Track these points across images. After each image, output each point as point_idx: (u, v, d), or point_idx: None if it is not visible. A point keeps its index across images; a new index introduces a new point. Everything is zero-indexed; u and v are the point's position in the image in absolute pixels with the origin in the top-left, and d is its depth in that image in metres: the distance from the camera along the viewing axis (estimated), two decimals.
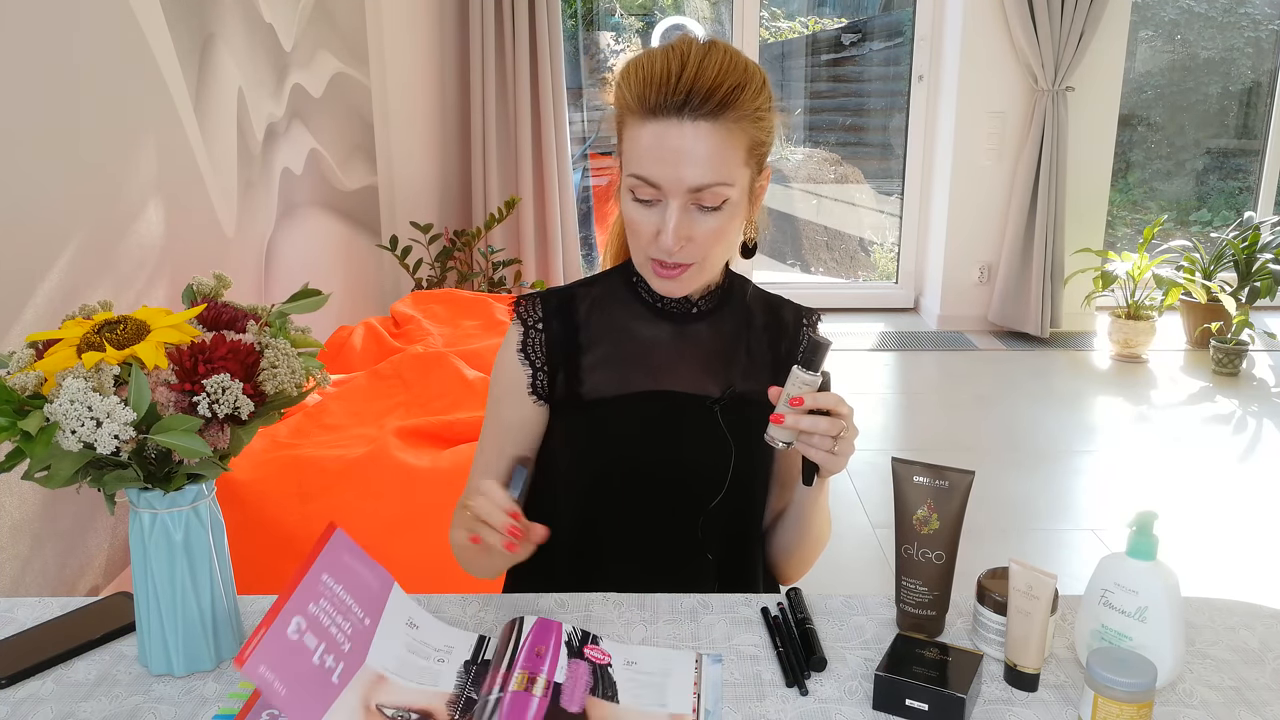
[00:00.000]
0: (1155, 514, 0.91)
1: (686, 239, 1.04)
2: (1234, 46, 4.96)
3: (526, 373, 1.16)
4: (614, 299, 1.18)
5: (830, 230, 5.43)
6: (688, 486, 1.14)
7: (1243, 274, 4.36)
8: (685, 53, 1.01)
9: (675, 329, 1.16)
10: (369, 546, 2.20)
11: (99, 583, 2.11)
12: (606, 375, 1.15)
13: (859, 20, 5.20)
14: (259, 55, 2.90)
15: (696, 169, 1.00)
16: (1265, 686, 0.94)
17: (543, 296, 1.18)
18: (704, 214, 1.04)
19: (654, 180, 1.02)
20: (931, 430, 3.62)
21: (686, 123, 0.99)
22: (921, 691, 0.88)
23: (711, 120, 1.00)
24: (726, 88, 1.00)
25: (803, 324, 1.23)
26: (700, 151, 1.00)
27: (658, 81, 1.00)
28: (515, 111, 4.27)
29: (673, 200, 1.02)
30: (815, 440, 0.99)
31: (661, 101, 1.00)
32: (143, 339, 0.88)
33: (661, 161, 1.01)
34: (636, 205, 1.05)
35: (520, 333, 1.16)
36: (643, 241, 1.07)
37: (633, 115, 1.03)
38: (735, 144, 1.02)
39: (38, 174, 1.89)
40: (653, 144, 1.01)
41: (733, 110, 1.00)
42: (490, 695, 0.87)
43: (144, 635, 0.95)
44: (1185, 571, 1.10)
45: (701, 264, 1.08)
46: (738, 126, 1.01)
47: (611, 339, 1.16)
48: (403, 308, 3.11)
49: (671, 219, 1.02)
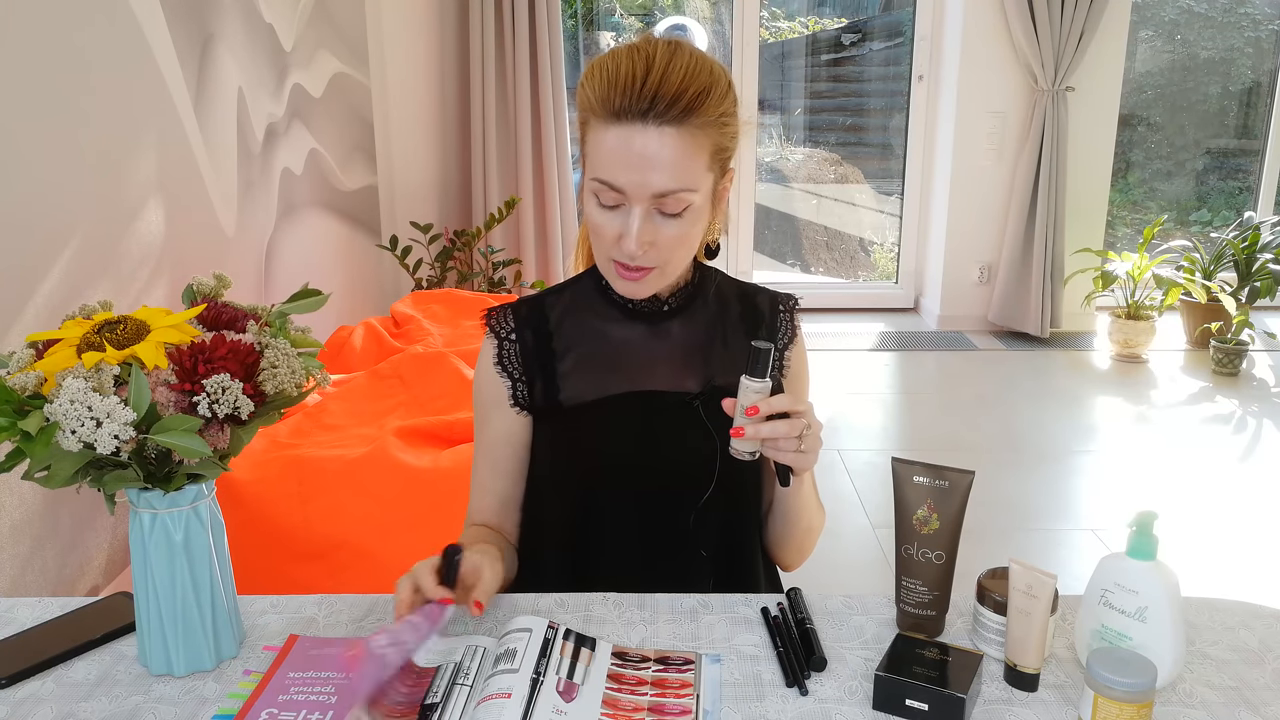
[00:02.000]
0: (1155, 514, 0.91)
1: (649, 244, 1.03)
2: (1234, 46, 4.96)
3: (506, 385, 1.16)
4: (585, 303, 1.17)
5: (830, 230, 5.43)
6: (675, 484, 1.14)
7: (1243, 274, 4.36)
8: (650, 55, 0.99)
9: (649, 329, 1.16)
10: (369, 546, 2.20)
11: (99, 583, 2.11)
12: (583, 380, 1.15)
13: (859, 20, 5.20)
14: (259, 55, 2.90)
15: (660, 175, 0.99)
16: (1265, 686, 0.94)
17: (513, 307, 1.18)
18: (666, 219, 1.02)
19: (617, 185, 1.00)
20: (931, 430, 3.62)
21: (651, 128, 0.98)
22: (921, 691, 0.88)
23: (676, 126, 0.98)
24: (692, 93, 0.98)
25: (779, 310, 1.21)
26: (665, 157, 0.98)
27: (622, 84, 0.98)
28: (515, 111, 4.27)
29: (636, 205, 1.01)
30: (780, 444, 0.98)
31: (626, 105, 0.98)
32: (143, 339, 0.88)
33: (625, 167, 0.99)
34: (599, 209, 1.04)
35: (495, 345, 1.16)
36: (605, 244, 1.06)
37: (596, 118, 1.01)
38: (699, 149, 1.00)
39: (38, 174, 1.89)
40: (616, 148, 0.99)
41: (698, 116, 0.99)
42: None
43: (144, 635, 0.95)
44: (1185, 571, 1.10)
45: (664, 268, 1.07)
46: (702, 133, 1.00)
47: (585, 343, 1.16)
48: (403, 308, 3.11)
49: (634, 224, 1.01)
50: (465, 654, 0.96)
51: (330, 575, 1.91)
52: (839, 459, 3.26)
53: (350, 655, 0.85)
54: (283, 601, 1.08)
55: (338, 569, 1.91)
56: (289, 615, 1.06)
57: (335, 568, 1.92)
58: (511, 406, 1.16)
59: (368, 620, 1.05)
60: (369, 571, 1.90)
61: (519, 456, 1.18)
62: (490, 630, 1.02)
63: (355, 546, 1.92)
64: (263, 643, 1.01)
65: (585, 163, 1.05)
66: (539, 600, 1.09)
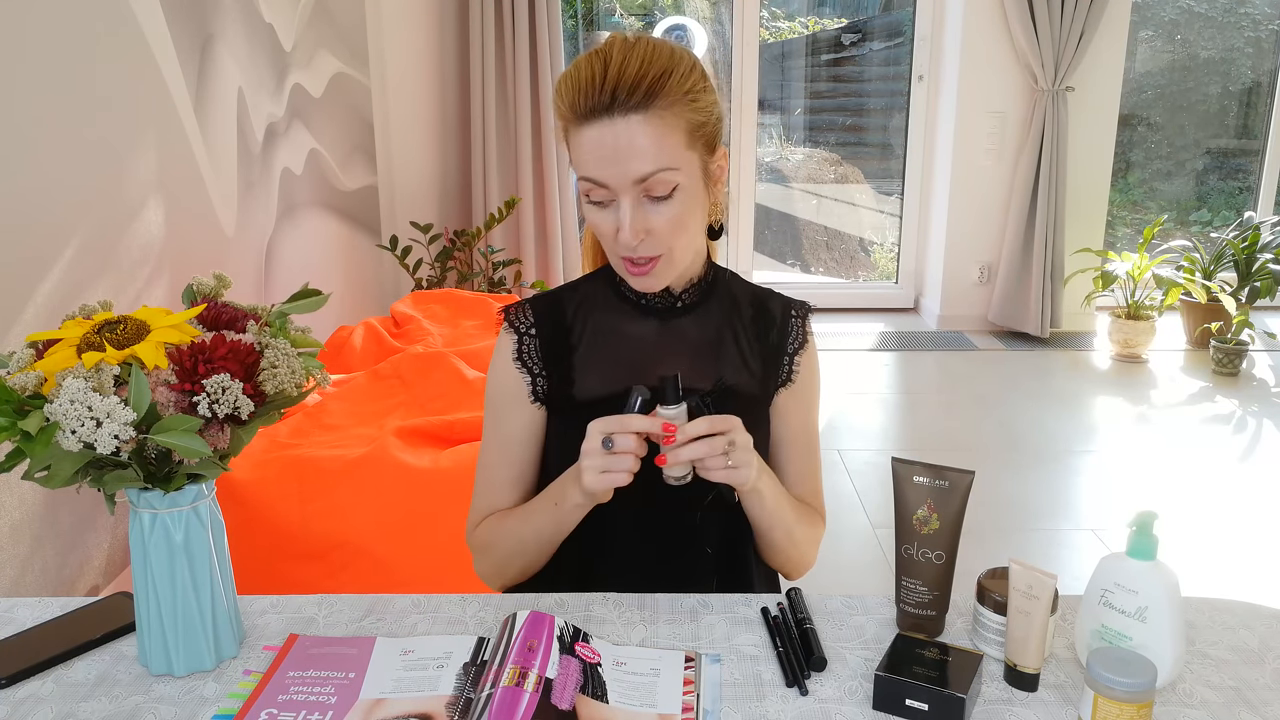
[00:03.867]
0: (1155, 514, 0.91)
1: (645, 232, 1.05)
2: (1234, 46, 4.96)
3: (525, 380, 1.16)
4: (598, 299, 1.19)
5: (830, 230, 5.43)
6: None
7: (1243, 274, 4.36)
8: (608, 53, 1.03)
9: (661, 325, 1.17)
10: (369, 546, 2.20)
11: (99, 583, 2.11)
12: (596, 374, 1.16)
13: (859, 20, 5.20)
14: (259, 55, 2.90)
15: (636, 161, 1.02)
16: (1265, 686, 0.94)
17: (530, 302, 1.19)
18: (657, 204, 1.05)
19: (600, 180, 1.04)
20: (931, 430, 3.62)
21: (618, 119, 1.01)
22: (921, 691, 0.88)
23: (642, 111, 1.01)
24: (651, 77, 1.01)
25: (791, 315, 1.22)
26: (637, 143, 1.01)
27: (584, 87, 1.02)
28: (515, 111, 4.27)
29: (623, 197, 1.04)
30: (707, 464, 1.01)
31: (592, 105, 1.02)
32: (143, 339, 0.88)
33: (602, 160, 1.03)
34: (593, 208, 1.07)
35: (514, 340, 1.17)
36: (608, 242, 1.09)
37: (571, 124, 1.05)
38: (671, 129, 1.03)
39: (38, 174, 1.89)
40: (592, 146, 1.03)
41: (662, 97, 1.02)
42: (482, 692, 0.88)
43: (144, 635, 0.95)
44: (1185, 571, 1.10)
45: (669, 255, 1.09)
46: (669, 112, 1.02)
47: (599, 338, 1.17)
48: (403, 308, 3.11)
49: (626, 215, 1.04)
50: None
51: (330, 575, 1.91)
52: (839, 459, 3.26)
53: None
54: (283, 601, 1.08)
55: (337, 569, 1.92)
56: (289, 615, 1.06)
57: (335, 568, 1.92)
58: (531, 402, 1.17)
59: (367, 620, 1.05)
60: (369, 571, 1.90)
61: (534, 452, 1.19)
62: (489, 630, 1.02)
63: (355, 546, 1.92)
64: (263, 643, 1.01)
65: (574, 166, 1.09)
66: (540, 600, 1.09)
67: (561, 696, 0.88)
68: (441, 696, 0.90)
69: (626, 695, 0.91)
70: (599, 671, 0.93)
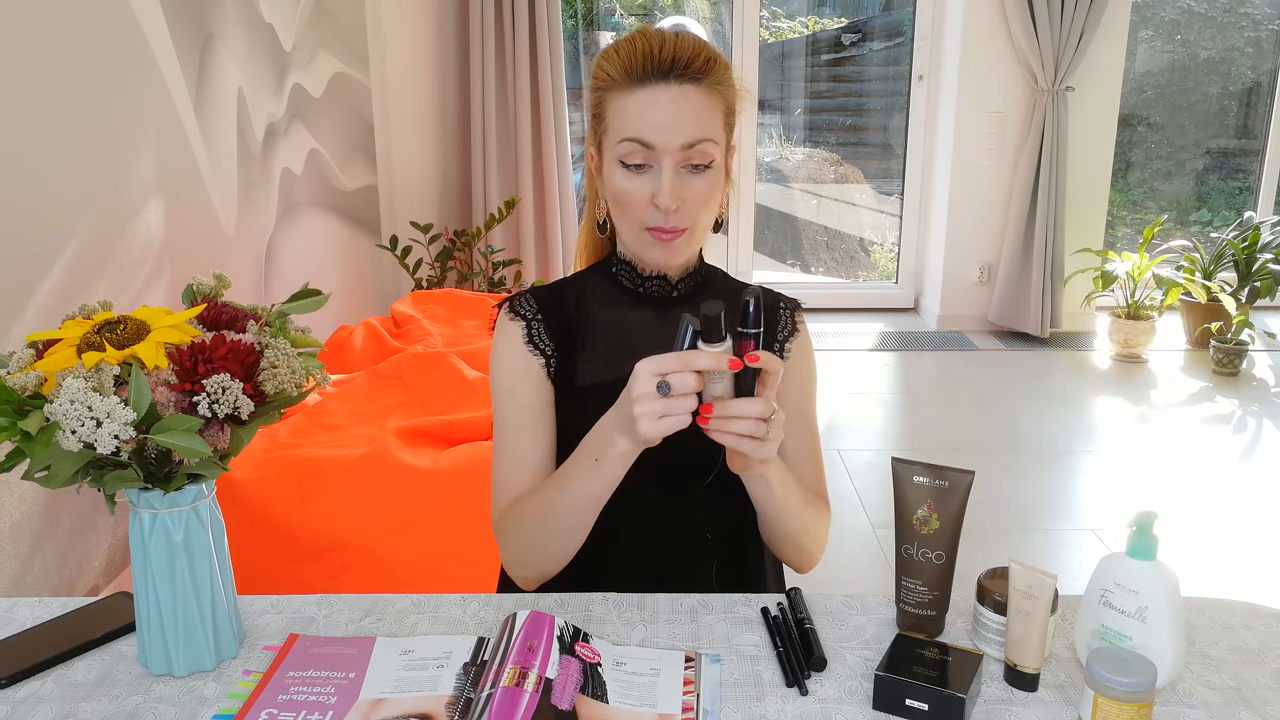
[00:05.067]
0: (1155, 514, 0.91)
1: (680, 200, 1.09)
2: (1234, 46, 4.96)
3: (539, 361, 1.18)
4: (596, 290, 1.22)
5: (830, 230, 5.43)
6: (681, 466, 1.14)
7: (1243, 274, 4.36)
8: (661, 33, 1.10)
9: (658, 313, 1.19)
10: (369, 546, 2.20)
11: (99, 583, 2.11)
12: (597, 362, 1.18)
13: (859, 20, 5.20)
14: (259, 55, 2.90)
15: (687, 125, 1.07)
16: (1265, 686, 0.94)
17: (532, 292, 1.22)
18: (694, 175, 1.09)
19: (647, 140, 1.07)
20: (931, 430, 3.62)
21: (674, 85, 1.07)
22: (921, 691, 0.88)
23: (695, 83, 1.07)
24: (703, 58, 1.09)
25: (780, 307, 1.25)
26: (688, 109, 1.07)
27: (642, 54, 1.07)
28: (515, 111, 4.27)
29: (665, 160, 1.07)
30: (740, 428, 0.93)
31: (650, 69, 1.07)
32: (143, 339, 0.88)
33: (653, 122, 1.06)
34: (627, 174, 1.09)
35: (523, 325, 1.19)
36: (636, 210, 1.10)
37: (619, 88, 1.09)
38: (715, 106, 1.09)
39: (38, 174, 1.89)
40: (644, 107, 1.07)
41: (711, 76, 1.09)
42: (482, 692, 0.88)
43: (144, 635, 0.95)
44: (1185, 571, 1.10)
45: (692, 230, 1.12)
46: (715, 91, 1.09)
47: (599, 327, 1.19)
48: (403, 308, 3.10)
49: (667, 177, 1.07)
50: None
51: (330, 575, 1.91)
52: (839, 459, 3.26)
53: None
54: (283, 601, 1.08)
55: (337, 569, 1.91)
56: (289, 615, 1.06)
57: (335, 567, 1.92)
58: (548, 380, 1.18)
59: (367, 620, 1.05)
60: (369, 571, 1.90)
61: (551, 424, 1.19)
62: (489, 630, 1.02)
63: (355, 546, 1.92)
64: (263, 643, 1.01)
65: (604, 138, 1.12)
66: (540, 600, 1.09)
67: (561, 696, 0.88)
68: (441, 696, 0.90)
69: (626, 695, 0.91)
70: (599, 671, 0.93)
